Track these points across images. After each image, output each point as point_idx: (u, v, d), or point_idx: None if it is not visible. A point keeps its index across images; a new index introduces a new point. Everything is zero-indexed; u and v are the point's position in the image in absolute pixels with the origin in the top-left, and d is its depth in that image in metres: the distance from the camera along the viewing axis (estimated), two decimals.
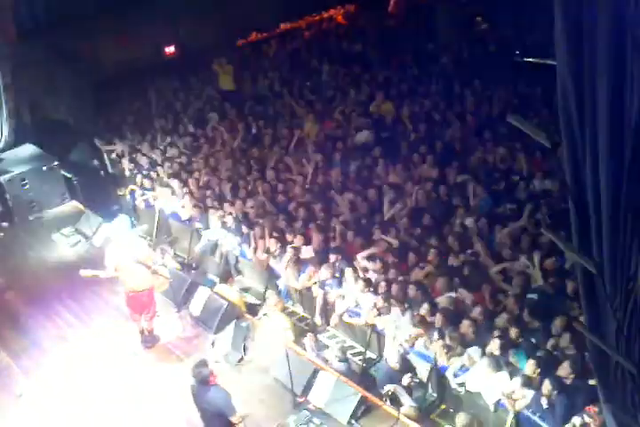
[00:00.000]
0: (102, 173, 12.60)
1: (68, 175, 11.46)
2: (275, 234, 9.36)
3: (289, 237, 9.37)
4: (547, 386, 6.25)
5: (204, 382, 5.76)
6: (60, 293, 8.99)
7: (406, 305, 7.78)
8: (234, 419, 5.79)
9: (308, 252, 9.11)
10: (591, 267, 2.78)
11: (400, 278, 8.18)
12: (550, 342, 6.77)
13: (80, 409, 7.12)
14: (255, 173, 11.13)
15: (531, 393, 6.44)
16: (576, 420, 5.96)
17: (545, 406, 6.27)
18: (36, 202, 11.19)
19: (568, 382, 6.30)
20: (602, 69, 2.54)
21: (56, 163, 11.33)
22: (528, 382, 6.46)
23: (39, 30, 12.78)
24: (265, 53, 16.06)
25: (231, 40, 16.06)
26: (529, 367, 6.49)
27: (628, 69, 2.45)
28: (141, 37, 14.29)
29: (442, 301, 7.76)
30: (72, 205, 11.48)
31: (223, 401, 5.75)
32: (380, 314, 7.92)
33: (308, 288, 8.82)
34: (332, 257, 8.79)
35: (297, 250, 9.06)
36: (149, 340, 7.88)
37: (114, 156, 12.69)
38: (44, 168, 11.20)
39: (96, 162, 12.63)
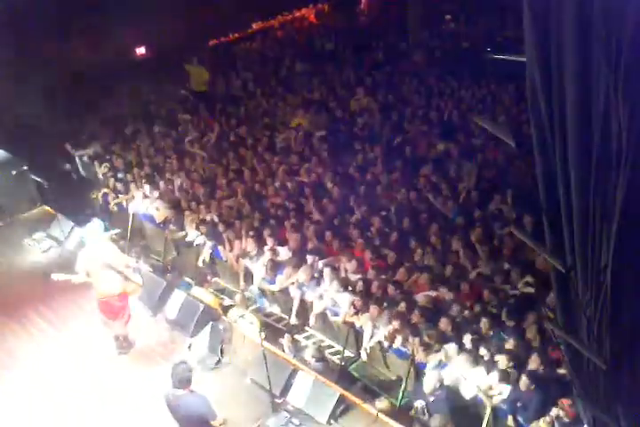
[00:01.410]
0: (74, 176, 12.42)
1: (39, 179, 11.26)
2: (251, 235, 9.31)
3: (266, 238, 9.32)
4: (524, 381, 6.32)
5: (182, 383, 5.54)
6: (32, 299, 8.83)
7: (385, 304, 7.80)
8: (215, 423, 5.64)
9: (285, 252, 9.08)
10: (559, 265, 2.80)
11: (381, 277, 8.19)
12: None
13: (55, 417, 7.01)
14: (231, 173, 11.06)
15: (507, 388, 6.51)
16: (550, 414, 6.04)
17: (520, 400, 6.34)
18: (6, 207, 10.98)
19: (542, 375, 6.37)
20: (568, 63, 2.55)
21: (25, 167, 11.13)
22: (504, 377, 6.52)
23: (7, 31, 12.54)
24: (237, 53, 15.99)
25: (203, 40, 15.94)
26: (502, 362, 6.55)
27: (594, 62, 2.47)
28: (112, 38, 14.10)
29: (420, 299, 7.78)
30: (43, 209, 11.30)
31: (204, 406, 5.58)
32: (357, 312, 7.93)
33: (285, 289, 8.79)
34: (310, 258, 8.75)
35: (274, 252, 9.02)
36: (124, 345, 7.79)
37: (86, 159, 12.52)
38: (14, 172, 11.00)
39: (67, 165, 12.45)
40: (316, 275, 8.60)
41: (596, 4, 2.40)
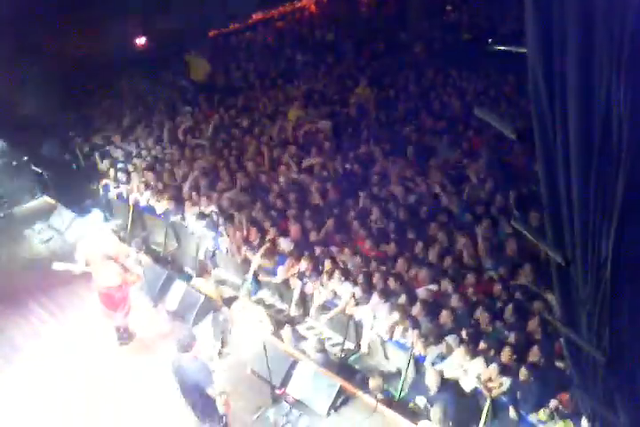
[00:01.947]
0: (74, 167, 12.40)
1: (39, 170, 11.26)
2: (252, 225, 9.29)
3: (267, 229, 9.30)
4: (523, 373, 6.33)
5: (184, 348, 5.73)
6: (33, 290, 8.86)
7: (385, 296, 7.80)
8: (211, 392, 5.74)
9: (286, 243, 9.06)
10: (559, 258, 2.80)
11: (381, 269, 8.18)
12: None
13: (57, 407, 7.05)
14: (232, 164, 11.03)
15: (507, 380, 6.52)
16: (549, 405, 6.07)
17: (520, 392, 6.36)
18: (7, 198, 10.99)
19: (541, 366, 6.38)
20: (571, 55, 2.54)
21: (26, 158, 11.13)
22: (504, 370, 6.53)
23: (6, 25, 12.49)
24: (237, 44, 15.93)
25: (203, 31, 15.88)
26: (504, 355, 6.56)
27: (596, 55, 2.45)
28: (112, 29, 14.05)
29: (421, 293, 7.79)
30: (43, 200, 11.31)
31: (201, 373, 5.72)
32: (357, 304, 7.94)
33: (286, 280, 8.80)
34: (317, 250, 8.73)
35: (275, 242, 9.01)
36: (125, 336, 7.81)
37: (86, 149, 12.50)
38: (14, 163, 11.00)
39: (67, 156, 12.43)
40: (320, 267, 8.59)
41: None
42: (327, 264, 8.38)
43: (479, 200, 9.02)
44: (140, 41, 14.69)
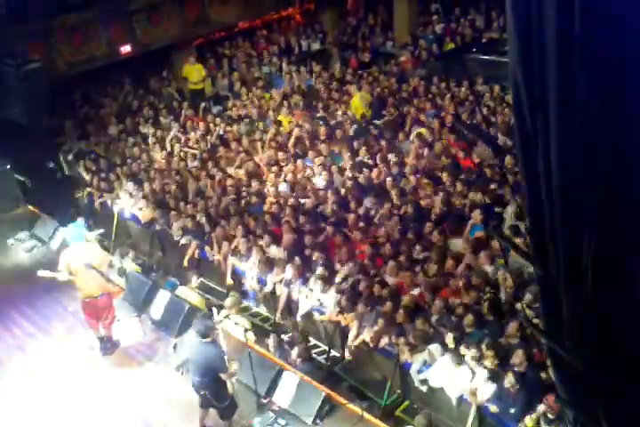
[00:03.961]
0: (58, 175, 12.30)
1: (22, 179, 11.16)
2: (241, 234, 9.26)
3: (257, 237, 9.27)
4: (509, 379, 6.35)
5: (202, 334, 6.05)
6: (16, 300, 8.77)
7: (370, 305, 7.80)
8: (224, 376, 6.11)
9: (276, 251, 9.02)
10: (537, 269, 2.82)
11: (368, 276, 8.18)
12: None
13: (39, 418, 6.96)
14: (220, 172, 11.00)
15: (493, 387, 6.53)
16: (536, 411, 6.08)
17: (506, 398, 6.38)
18: None
19: (526, 371, 6.39)
20: (551, 59, 2.56)
21: (9, 166, 11.04)
22: (491, 376, 6.55)
23: None
24: (224, 53, 15.95)
25: (189, 39, 15.85)
26: (488, 359, 6.57)
27: (576, 57, 2.47)
28: (97, 37, 14.00)
29: (405, 299, 7.79)
30: (27, 209, 11.21)
31: (217, 358, 6.06)
32: (342, 312, 7.93)
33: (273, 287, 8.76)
34: (315, 255, 8.69)
35: (264, 250, 8.98)
36: (109, 346, 7.75)
37: (70, 157, 12.42)
38: None
39: (52, 164, 12.32)
40: (307, 274, 8.56)
41: (577, 5, 2.40)
42: (319, 271, 8.34)
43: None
44: (126, 49, 14.62)
